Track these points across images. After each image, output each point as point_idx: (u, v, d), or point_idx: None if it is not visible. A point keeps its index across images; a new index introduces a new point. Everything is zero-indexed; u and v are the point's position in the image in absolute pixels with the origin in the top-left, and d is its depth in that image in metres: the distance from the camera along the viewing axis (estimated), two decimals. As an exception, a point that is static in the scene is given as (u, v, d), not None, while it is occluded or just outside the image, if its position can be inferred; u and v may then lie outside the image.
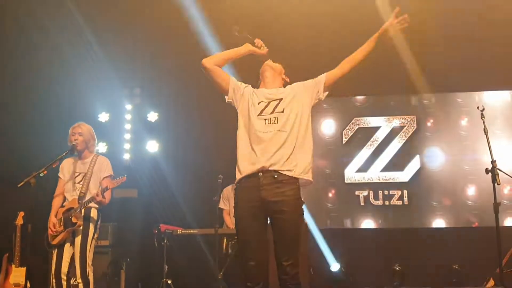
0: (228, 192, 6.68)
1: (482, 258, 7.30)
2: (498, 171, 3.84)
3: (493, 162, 3.88)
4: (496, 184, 3.83)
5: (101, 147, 8.49)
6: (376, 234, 8.21)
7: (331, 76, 3.67)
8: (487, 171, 3.91)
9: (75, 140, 5.08)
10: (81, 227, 4.88)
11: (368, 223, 7.87)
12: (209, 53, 8.04)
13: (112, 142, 8.63)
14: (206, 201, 7.05)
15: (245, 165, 3.47)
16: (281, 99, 3.60)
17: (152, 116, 8.81)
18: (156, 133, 8.79)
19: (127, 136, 8.82)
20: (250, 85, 3.87)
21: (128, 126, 8.85)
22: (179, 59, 8.58)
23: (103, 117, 8.71)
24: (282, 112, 3.53)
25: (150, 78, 8.76)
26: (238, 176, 3.51)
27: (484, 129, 4.03)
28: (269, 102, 3.61)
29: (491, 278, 6.31)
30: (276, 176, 3.38)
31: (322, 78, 3.70)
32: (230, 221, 6.61)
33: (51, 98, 8.29)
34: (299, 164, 3.45)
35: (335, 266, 7.83)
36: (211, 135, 8.53)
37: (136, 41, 8.66)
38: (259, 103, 3.61)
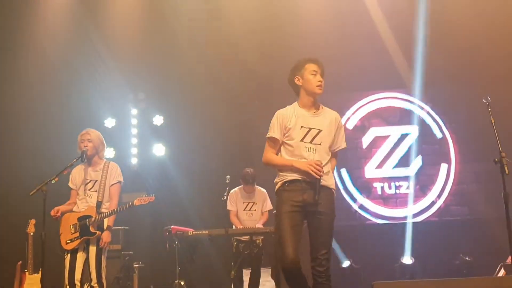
0: (235, 195, 6.70)
1: (491, 249, 7.36)
2: (506, 161, 3.87)
3: (500, 152, 3.90)
4: (505, 174, 3.86)
5: (108, 153, 8.52)
6: (385, 228, 8.30)
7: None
8: (495, 161, 3.94)
9: (84, 146, 5.11)
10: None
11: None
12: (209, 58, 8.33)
13: (119, 147, 8.68)
14: (214, 202, 7.08)
15: None
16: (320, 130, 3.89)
17: (158, 120, 8.86)
18: (162, 137, 8.84)
19: (134, 140, 8.88)
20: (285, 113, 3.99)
21: (134, 131, 8.91)
22: (183, 62, 8.65)
23: (109, 122, 8.75)
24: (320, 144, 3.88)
25: (155, 82, 8.81)
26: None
27: (491, 121, 4.06)
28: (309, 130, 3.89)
29: (502, 268, 6.34)
30: None
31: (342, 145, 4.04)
32: (237, 221, 6.63)
33: (58, 106, 8.36)
34: None
35: (345, 263, 7.92)
36: (217, 136, 8.58)
37: (140, 45, 8.76)
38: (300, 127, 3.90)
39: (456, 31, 8.11)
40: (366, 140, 8.64)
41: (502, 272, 6.27)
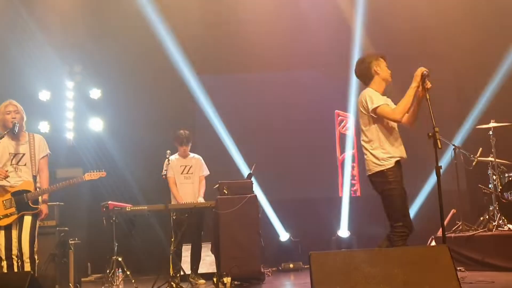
0: (173, 161, 6.59)
1: (423, 223, 7.69)
2: (438, 135, 4.01)
3: (434, 127, 4.04)
4: (437, 148, 4.00)
5: (43, 126, 8.25)
6: (323, 201, 8.49)
7: None
8: (429, 136, 4.08)
9: (13, 118, 4.90)
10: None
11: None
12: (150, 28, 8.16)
13: (54, 121, 8.39)
14: (154, 177, 6.98)
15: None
16: None
17: (95, 93, 8.60)
18: (99, 111, 8.60)
19: (70, 114, 8.58)
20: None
21: (70, 104, 8.60)
22: (120, 33, 8.43)
23: (44, 95, 8.41)
24: None
25: (91, 54, 8.52)
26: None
27: (425, 96, 4.19)
28: None
29: (433, 240, 6.64)
30: None
31: None
32: (175, 190, 6.53)
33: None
34: None
35: (284, 236, 8.08)
36: (157, 110, 8.46)
37: (75, 16, 8.46)
38: None
39: (395, 9, 8.31)
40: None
41: (433, 244, 6.57)
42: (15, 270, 4.71)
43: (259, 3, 8.64)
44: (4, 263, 4.77)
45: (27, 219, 4.82)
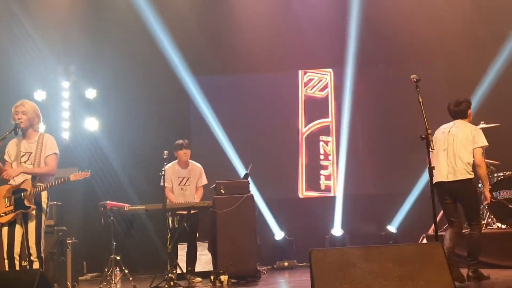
0: (170, 170, 6.66)
1: (414, 222, 7.85)
2: (431, 137, 4.16)
3: (427, 130, 4.19)
4: (430, 149, 4.16)
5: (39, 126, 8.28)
6: (316, 201, 8.62)
7: None
8: (421, 138, 4.24)
9: (18, 119, 4.98)
10: (35, 210, 4.89)
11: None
12: (146, 28, 8.23)
13: (49, 121, 8.39)
14: (151, 177, 7.07)
15: None
16: None
17: (90, 93, 8.66)
18: (95, 111, 8.67)
19: (65, 114, 8.63)
20: None
21: (65, 104, 8.65)
22: (116, 33, 8.49)
23: (39, 95, 8.45)
24: None
25: (86, 54, 8.58)
26: None
27: (418, 99, 4.33)
28: None
29: (424, 238, 6.80)
30: None
31: None
32: (172, 197, 6.62)
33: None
34: None
35: (279, 235, 8.20)
36: (153, 110, 8.53)
37: (69, 15, 8.51)
38: None
39: (389, 12, 8.45)
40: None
41: (424, 242, 6.72)
42: (17, 269, 4.77)
43: (257, 3, 8.75)
44: (6, 262, 4.81)
45: (31, 220, 4.87)
